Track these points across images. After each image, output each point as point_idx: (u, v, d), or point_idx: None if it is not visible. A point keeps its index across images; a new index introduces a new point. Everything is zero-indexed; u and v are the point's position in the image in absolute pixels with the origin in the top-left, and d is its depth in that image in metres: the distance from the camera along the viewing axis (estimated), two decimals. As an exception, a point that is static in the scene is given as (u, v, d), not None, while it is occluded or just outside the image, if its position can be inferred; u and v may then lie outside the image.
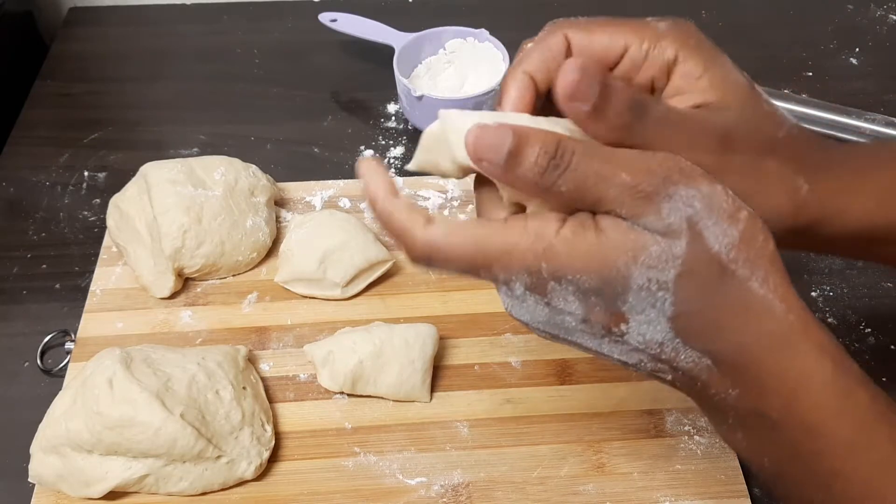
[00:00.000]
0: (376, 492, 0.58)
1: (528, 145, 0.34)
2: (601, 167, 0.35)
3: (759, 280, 0.36)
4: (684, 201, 0.35)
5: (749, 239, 0.35)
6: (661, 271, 0.35)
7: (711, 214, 0.35)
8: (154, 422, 0.54)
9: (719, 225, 0.35)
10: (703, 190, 0.35)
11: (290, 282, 0.68)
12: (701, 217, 0.35)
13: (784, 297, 0.36)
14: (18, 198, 0.79)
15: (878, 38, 0.95)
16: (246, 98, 0.88)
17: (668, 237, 0.35)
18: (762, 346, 0.36)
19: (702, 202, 0.35)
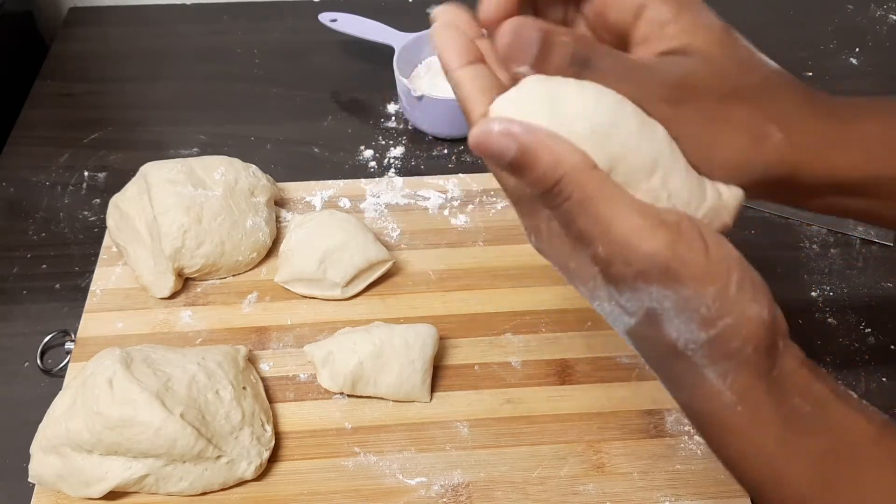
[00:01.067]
0: (376, 492, 0.58)
1: (530, 167, 0.33)
2: (587, 225, 0.34)
3: (716, 372, 0.35)
4: (651, 297, 0.34)
5: (720, 343, 0.34)
6: (612, 320, 0.37)
7: (681, 315, 0.34)
8: (154, 422, 0.54)
9: (688, 326, 0.34)
10: (683, 294, 0.33)
11: (290, 282, 0.68)
12: (666, 312, 0.34)
13: (740, 390, 0.35)
14: (18, 198, 0.79)
15: (878, 38, 0.95)
16: (246, 98, 0.88)
17: (621, 309, 0.36)
18: (706, 419, 0.37)
19: (674, 303, 0.34)
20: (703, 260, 0.34)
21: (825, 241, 0.74)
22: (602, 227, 0.33)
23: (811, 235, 0.75)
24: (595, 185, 0.33)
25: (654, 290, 0.34)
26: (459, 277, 0.70)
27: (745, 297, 0.34)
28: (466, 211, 0.75)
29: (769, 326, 0.35)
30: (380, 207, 0.75)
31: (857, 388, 0.64)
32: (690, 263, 0.33)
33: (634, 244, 0.33)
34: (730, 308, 0.34)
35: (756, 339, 0.34)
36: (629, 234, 0.33)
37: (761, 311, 0.35)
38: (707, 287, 0.33)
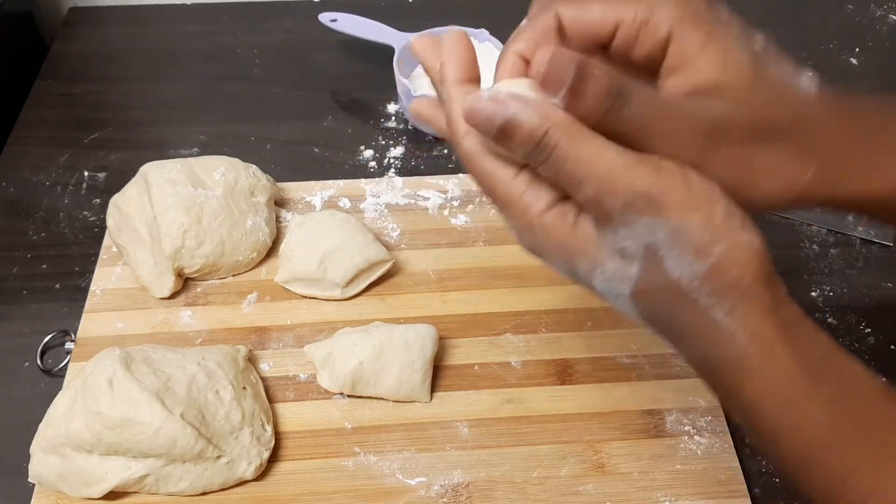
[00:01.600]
0: (376, 492, 0.58)
1: (518, 127, 0.35)
2: (575, 168, 0.35)
3: (723, 310, 0.35)
4: (646, 230, 0.35)
5: (719, 273, 0.35)
6: (617, 284, 0.36)
7: (676, 246, 0.34)
8: (154, 422, 0.54)
9: (684, 257, 0.34)
10: (672, 222, 0.34)
11: (290, 282, 0.68)
12: (663, 246, 0.35)
13: (751, 326, 0.35)
14: (18, 198, 0.79)
15: (878, 38, 0.95)
16: (246, 98, 0.88)
17: (624, 258, 0.36)
18: (720, 368, 0.37)
19: (666, 233, 0.34)
20: (685, 188, 0.35)
21: (825, 241, 0.74)
22: (586, 165, 0.34)
23: (811, 235, 0.75)
24: (578, 132, 0.35)
25: (645, 220, 0.34)
26: (459, 277, 0.70)
27: (734, 223, 0.35)
28: (466, 211, 0.75)
29: (763, 254, 0.35)
30: (380, 207, 0.75)
31: (857, 388, 0.64)
32: (672, 191, 0.34)
33: (616, 176, 0.34)
34: (720, 234, 0.34)
35: (753, 265, 0.35)
36: (612, 167, 0.34)
37: (752, 239, 0.35)
38: (693, 214, 0.34)
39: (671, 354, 0.65)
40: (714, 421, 0.61)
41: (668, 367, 0.64)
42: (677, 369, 0.64)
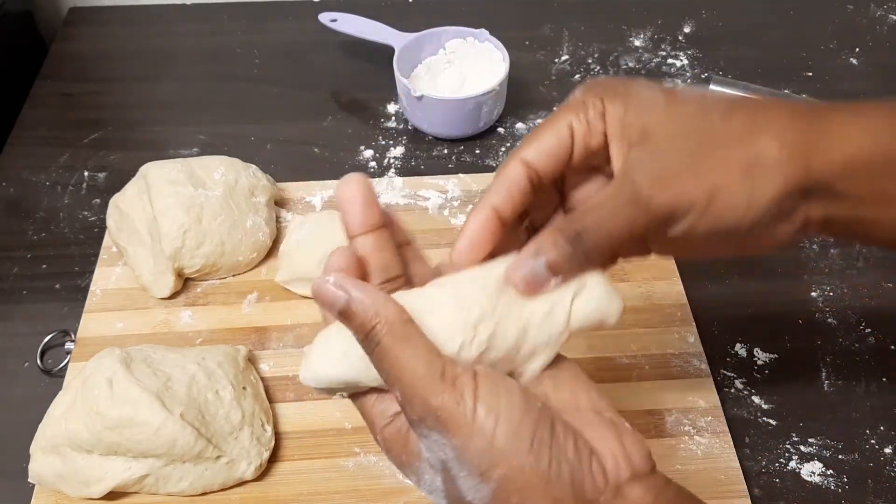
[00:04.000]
0: (376, 492, 0.58)
1: (352, 316, 0.37)
2: (391, 368, 0.36)
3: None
4: (437, 445, 0.35)
5: (502, 496, 0.34)
6: (436, 496, 0.37)
7: (462, 467, 0.35)
8: (154, 422, 0.54)
9: (469, 479, 0.35)
10: (455, 443, 0.34)
11: (290, 282, 0.68)
12: (453, 465, 0.35)
13: None
14: (18, 198, 0.79)
15: (878, 38, 0.95)
16: (246, 98, 0.88)
17: (433, 470, 0.36)
18: None
19: (454, 453, 0.35)
20: (469, 413, 0.34)
21: (825, 241, 0.74)
22: (399, 370, 0.35)
23: (811, 235, 0.75)
24: (401, 332, 0.36)
25: (436, 436, 0.35)
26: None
27: (519, 446, 0.34)
28: (466, 211, 0.75)
29: (544, 478, 0.34)
30: (380, 207, 0.75)
31: (858, 388, 0.64)
32: (456, 414, 0.34)
33: (416, 387, 0.35)
34: (500, 459, 0.34)
35: (536, 489, 0.34)
36: (415, 376, 0.35)
37: (535, 461, 0.34)
38: (473, 438, 0.34)
39: (671, 354, 0.65)
40: (714, 421, 0.61)
41: (668, 368, 0.64)
42: (677, 370, 0.64)
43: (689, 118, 0.39)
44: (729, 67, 0.90)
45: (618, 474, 0.35)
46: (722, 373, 0.65)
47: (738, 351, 0.66)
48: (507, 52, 0.82)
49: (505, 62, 0.81)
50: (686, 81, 0.89)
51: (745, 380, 0.65)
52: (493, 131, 0.84)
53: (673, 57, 0.92)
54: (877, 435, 0.61)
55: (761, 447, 0.61)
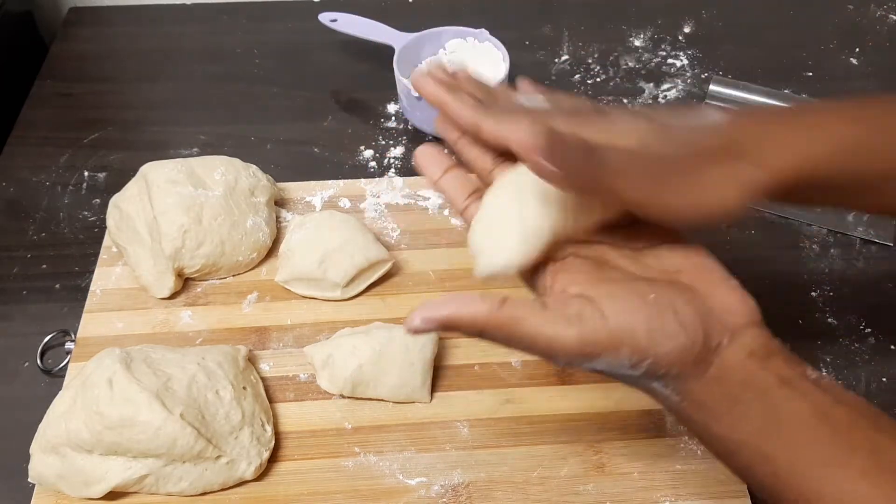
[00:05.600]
0: (376, 492, 0.58)
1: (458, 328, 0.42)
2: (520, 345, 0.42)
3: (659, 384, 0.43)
4: (588, 366, 0.42)
5: (650, 373, 0.42)
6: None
7: (615, 370, 0.42)
8: (154, 422, 0.54)
9: (622, 372, 0.42)
10: (606, 360, 0.41)
11: (291, 282, 0.68)
12: (602, 369, 0.42)
13: (681, 393, 0.43)
14: (18, 198, 0.79)
15: (878, 38, 0.95)
16: (246, 98, 0.88)
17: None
18: (674, 416, 0.46)
19: (606, 366, 0.42)
20: (608, 335, 0.41)
21: (825, 241, 0.74)
22: (529, 344, 0.41)
23: (811, 235, 0.75)
24: (507, 321, 0.41)
25: (587, 364, 0.42)
26: (459, 277, 0.70)
27: (656, 340, 0.41)
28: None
29: (687, 348, 0.41)
30: (380, 207, 0.75)
31: (857, 388, 0.64)
32: (598, 341, 0.41)
33: (556, 348, 0.41)
34: (645, 354, 0.41)
35: (678, 362, 0.41)
36: (547, 341, 0.41)
37: (675, 344, 0.41)
38: (619, 350, 0.41)
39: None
40: (714, 421, 0.61)
41: (668, 367, 0.64)
42: (677, 369, 0.64)
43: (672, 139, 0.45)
44: (729, 67, 0.90)
45: (735, 320, 0.42)
46: (722, 373, 0.65)
47: (738, 351, 0.66)
48: (507, 52, 0.82)
49: (505, 62, 0.81)
50: (686, 81, 0.89)
51: (745, 380, 0.64)
52: (493, 131, 0.84)
53: (673, 57, 0.92)
54: (877, 435, 0.61)
55: (761, 447, 0.61)
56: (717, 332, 0.42)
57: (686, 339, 0.41)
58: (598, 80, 0.90)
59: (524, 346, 0.42)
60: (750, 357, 0.41)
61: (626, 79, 0.90)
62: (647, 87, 0.89)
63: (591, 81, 0.90)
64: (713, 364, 0.41)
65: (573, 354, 0.41)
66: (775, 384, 0.41)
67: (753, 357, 0.42)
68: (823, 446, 0.40)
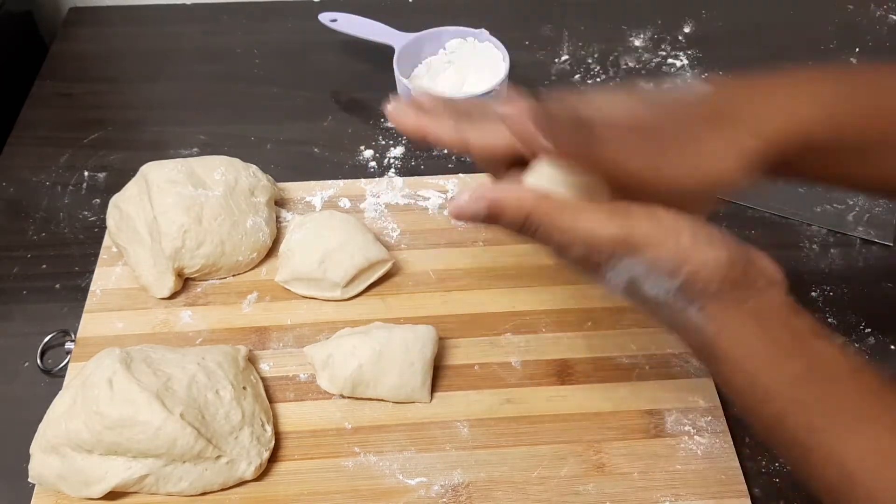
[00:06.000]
0: (376, 492, 0.58)
1: (503, 214, 0.42)
2: (561, 237, 0.42)
3: (695, 308, 0.42)
4: (627, 268, 0.42)
5: (689, 285, 0.41)
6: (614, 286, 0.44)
7: (651, 274, 0.42)
8: (154, 422, 0.54)
9: (659, 279, 0.42)
10: (647, 257, 0.41)
11: (291, 282, 0.68)
12: (640, 275, 0.42)
13: (718, 320, 0.42)
14: (18, 198, 0.79)
15: (878, 38, 0.95)
16: (246, 98, 0.88)
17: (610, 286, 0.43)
18: (701, 353, 0.44)
19: (644, 266, 0.42)
20: (655, 226, 0.41)
21: (825, 241, 0.74)
22: (570, 233, 0.41)
23: (811, 235, 0.75)
24: (553, 208, 0.42)
25: (627, 261, 0.41)
26: (459, 277, 0.70)
27: (700, 245, 0.41)
28: (466, 211, 0.75)
29: (728, 264, 0.41)
30: (380, 207, 0.75)
31: (857, 388, 0.64)
32: (644, 234, 0.41)
33: (598, 234, 0.41)
34: (686, 257, 0.41)
35: (718, 276, 0.41)
36: (590, 229, 0.41)
37: (718, 254, 0.41)
38: (663, 247, 0.41)
39: (671, 354, 0.65)
40: (714, 421, 0.61)
41: (668, 367, 0.64)
42: (677, 369, 0.64)
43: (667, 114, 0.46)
44: (729, 67, 0.90)
45: (773, 272, 0.43)
46: (722, 373, 0.65)
47: (738, 351, 0.66)
48: (507, 52, 0.82)
49: (505, 62, 0.81)
50: (686, 81, 0.89)
51: (745, 380, 0.65)
52: (493, 131, 0.84)
53: (673, 57, 0.92)
54: (877, 435, 0.61)
55: (761, 447, 0.61)
56: (755, 271, 0.42)
57: (728, 254, 0.41)
58: (598, 80, 0.90)
59: (566, 239, 0.42)
60: (784, 305, 0.43)
61: (626, 79, 0.90)
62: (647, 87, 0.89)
63: (591, 81, 0.90)
64: (751, 298, 0.42)
65: (618, 242, 0.41)
66: (810, 334, 0.42)
67: (787, 306, 0.43)
68: (857, 401, 0.40)
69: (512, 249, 0.72)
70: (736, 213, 0.76)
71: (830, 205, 0.76)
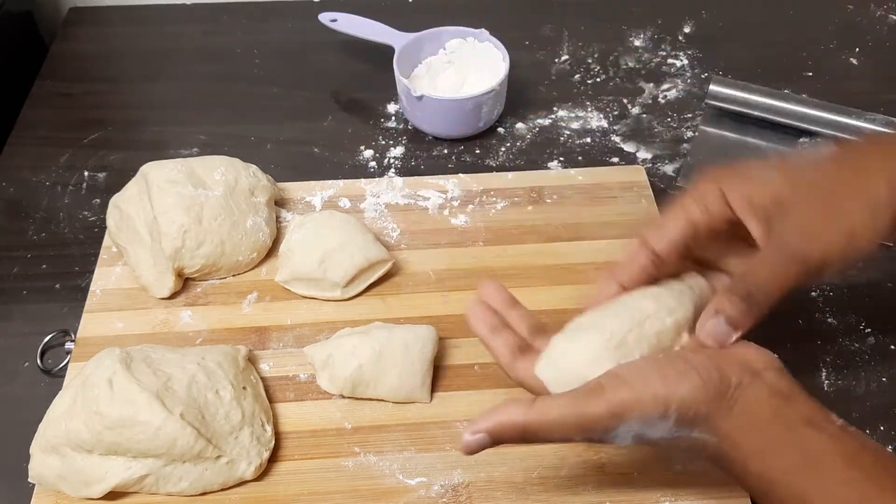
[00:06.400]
0: (376, 492, 0.58)
1: (504, 437, 0.47)
2: (561, 436, 0.46)
3: (697, 431, 0.45)
4: (626, 430, 0.45)
5: (682, 419, 0.45)
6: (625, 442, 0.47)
7: (647, 425, 0.45)
8: (154, 422, 0.54)
9: (656, 426, 0.45)
10: (635, 416, 0.45)
11: (290, 282, 0.68)
12: (640, 430, 0.45)
13: (716, 432, 0.45)
14: (18, 198, 0.79)
15: (878, 38, 0.95)
16: (246, 98, 0.88)
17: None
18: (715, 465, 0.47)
19: (637, 423, 0.45)
20: (627, 390, 0.45)
21: (825, 241, 0.74)
22: (565, 431, 0.46)
23: (811, 235, 0.75)
24: (542, 413, 0.46)
25: (623, 426, 0.45)
26: (459, 277, 0.70)
27: (672, 383, 0.45)
28: (466, 211, 0.75)
29: (703, 386, 0.45)
30: (380, 207, 0.75)
31: (857, 387, 0.64)
32: (621, 401, 0.45)
33: (587, 422, 0.45)
34: (667, 401, 0.44)
35: (701, 399, 0.44)
36: (578, 422, 0.45)
37: (692, 383, 0.45)
38: (643, 403, 0.44)
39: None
40: (714, 421, 0.61)
41: (668, 367, 0.64)
42: (677, 369, 0.64)
43: (809, 183, 0.50)
44: (729, 67, 0.90)
45: (754, 364, 0.46)
46: (722, 373, 0.65)
47: (738, 351, 0.66)
48: (507, 52, 0.82)
49: (505, 62, 0.81)
50: (686, 81, 0.89)
51: (745, 380, 0.65)
52: (493, 131, 0.84)
53: (673, 57, 0.92)
54: (877, 435, 0.61)
55: (761, 447, 0.61)
56: (735, 372, 0.45)
57: (699, 377, 0.45)
58: (598, 80, 0.90)
59: (565, 436, 0.46)
60: (773, 395, 0.45)
61: (626, 79, 0.90)
62: (647, 87, 0.89)
63: (591, 81, 0.90)
64: (738, 401, 0.44)
65: (606, 418, 0.45)
66: (801, 422, 0.44)
67: (777, 395, 0.45)
68: (854, 487, 0.42)
69: (512, 249, 0.72)
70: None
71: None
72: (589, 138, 0.84)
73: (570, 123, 0.85)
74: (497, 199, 0.76)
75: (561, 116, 0.86)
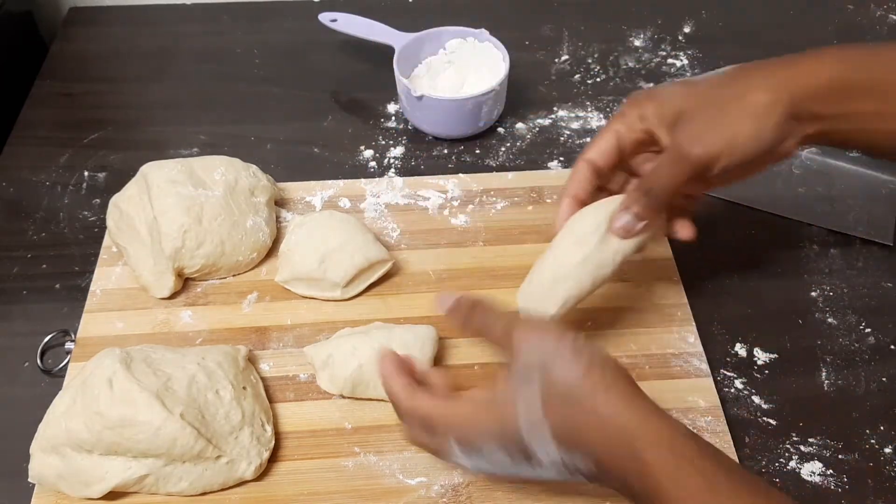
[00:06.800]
0: (376, 492, 0.58)
1: (456, 307, 0.54)
2: (482, 325, 0.52)
3: (600, 396, 0.47)
4: (536, 354, 0.48)
5: (587, 373, 0.47)
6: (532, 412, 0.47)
7: (556, 360, 0.47)
8: (154, 422, 0.54)
9: (562, 367, 0.47)
10: (549, 344, 0.48)
11: (290, 282, 0.68)
12: (548, 360, 0.48)
13: (622, 403, 0.47)
14: (18, 198, 0.79)
15: (878, 39, 0.95)
16: (246, 98, 0.88)
17: (528, 382, 0.47)
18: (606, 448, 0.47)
19: (547, 353, 0.48)
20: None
21: (825, 241, 0.74)
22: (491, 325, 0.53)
23: (811, 235, 0.75)
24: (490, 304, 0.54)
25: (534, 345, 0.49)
26: (459, 277, 0.70)
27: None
28: (466, 211, 0.75)
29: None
30: (380, 207, 0.75)
31: (857, 387, 0.64)
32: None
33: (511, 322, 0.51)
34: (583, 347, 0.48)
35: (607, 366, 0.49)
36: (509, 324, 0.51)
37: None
38: (564, 338, 0.49)
39: (671, 354, 0.65)
40: (714, 421, 0.61)
41: (667, 367, 0.64)
42: (677, 369, 0.64)
43: (703, 95, 0.57)
44: (729, 67, 0.90)
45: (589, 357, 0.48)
46: (722, 373, 0.65)
47: (737, 351, 0.66)
48: (507, 52, 0.82)
49: (505, 62, 0.81)
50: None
51: (745, 380, 0.65)
52: (493, 131, 0.84)
53: (673, 57, 0.92)
54: (877, 435, 0.61)
55: (761, 447, 0.61)
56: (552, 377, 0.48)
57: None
58: (598, 80, 0.90)
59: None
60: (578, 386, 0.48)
61: (626, 79, 0.90)
62: (647, 87, 0.89)
63: (591, 81, 0.90)
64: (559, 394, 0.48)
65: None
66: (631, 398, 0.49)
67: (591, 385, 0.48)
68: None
69: (512, 249, 0.72)
70: (737, 214, 0.76)
71: (830, 205, 0.76)
72: (589, 138, 0.84)
73: (570, 123, 0.85)
74: (497, 199, 0.76)
75: (561, 116, 0.86)
